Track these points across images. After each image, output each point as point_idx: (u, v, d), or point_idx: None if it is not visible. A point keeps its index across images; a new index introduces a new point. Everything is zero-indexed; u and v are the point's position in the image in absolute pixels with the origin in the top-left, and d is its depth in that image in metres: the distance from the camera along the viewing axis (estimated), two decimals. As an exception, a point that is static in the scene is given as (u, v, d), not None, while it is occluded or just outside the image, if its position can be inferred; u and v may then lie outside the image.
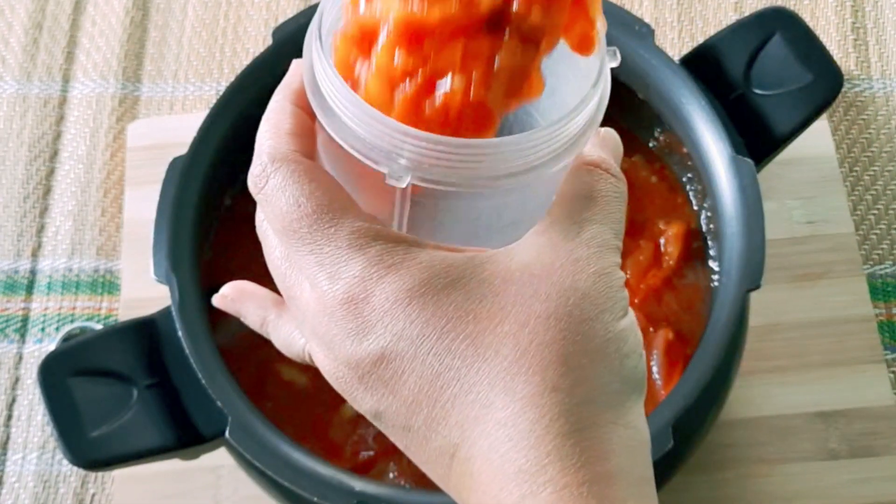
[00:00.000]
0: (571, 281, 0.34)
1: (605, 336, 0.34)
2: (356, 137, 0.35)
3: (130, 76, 0.81)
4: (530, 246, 0.35)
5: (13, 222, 0.76)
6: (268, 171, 0.36)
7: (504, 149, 0.34)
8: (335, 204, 0.35)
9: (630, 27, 0.61)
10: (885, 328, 0.71)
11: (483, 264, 0.35)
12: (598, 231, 0.36)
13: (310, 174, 0.36)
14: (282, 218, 0.35)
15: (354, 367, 0.34)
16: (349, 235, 0.34)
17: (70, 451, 0.54)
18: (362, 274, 0.34)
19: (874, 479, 0.66)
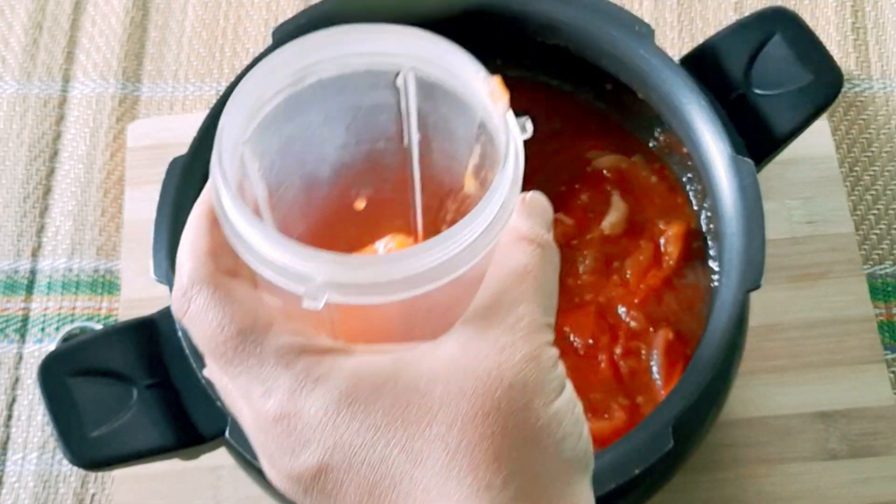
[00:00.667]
0: (497, 372, 0.34)
1: (536, 424, 0.34)
2: (267, 261, 0.34)
3: (130, 76, 0.81)
4: (457, 338, 0.35)
5: (13, 222, 0.76)
6: (188, 295, 0.36)
7: (417, 259, 0.34)
8: (258, 323, 0.35)
9: (630, 27, 0.61)
10: (885, 328, 0.71)
11: (409, 366, 0.34)
12: (526, 311, 0.35)
13: (230, 295, 0.35)
14: (209, 342, 0.35)
15: (296, 480, 0.35)
16: (275, 353, 0.34)
17: (70, 451, 0.54)
18: (291, 389, 0.34)
19: (874, 479, 0.66)
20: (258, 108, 0.37)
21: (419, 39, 0.38)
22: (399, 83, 0.38)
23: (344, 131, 0.40)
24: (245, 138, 0.37)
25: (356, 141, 0.40)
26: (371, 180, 0.42)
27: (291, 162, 0.40)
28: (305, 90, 0.37)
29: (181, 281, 0.36)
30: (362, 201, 0.43)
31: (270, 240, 0.34)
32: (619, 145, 0.67)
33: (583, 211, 0.65)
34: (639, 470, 0.52)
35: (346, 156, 0.41)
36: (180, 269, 0.37)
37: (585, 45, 0.63)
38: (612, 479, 0.52)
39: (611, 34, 0.62)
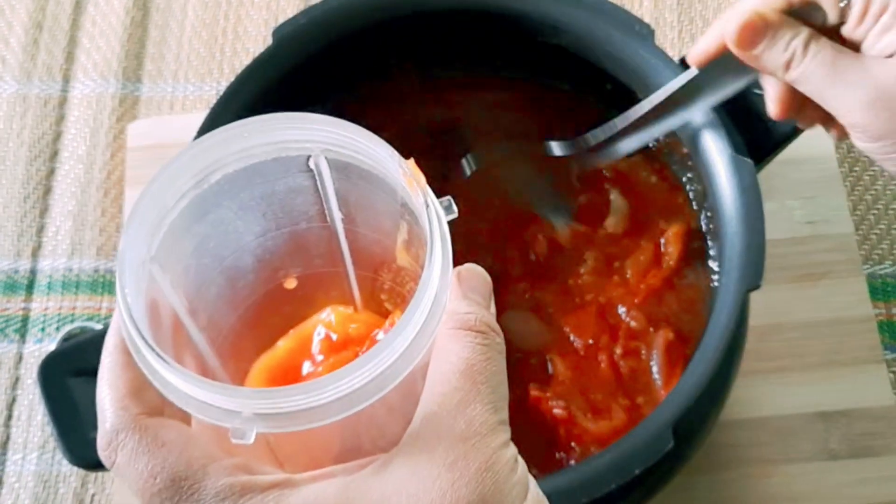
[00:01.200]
0: (452, 493, 0.32)
1: None
2: (189, 398, 0.33)
3: (130, 76, 0.81)
4: (405, 457, 0.33)
5: (13, 222, 0.76)
6: (114, 445, 0.34)
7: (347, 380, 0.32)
8: (193, 465, 0.33)
9: (630, 27, 0.61)
10: (885, 328, 0.71)
11: (358, 498, 0.32)
12: (474, 415, 0.33)
13: (158, 440, 0.33)
14: (141, 493, 0.33)
15: None
16: (214, 498, 0.32)
17: (70, 451, 0.54)
18: None
19: (874, 479, 0.66)
20: (161, 220, 0.35)
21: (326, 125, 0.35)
22: (312, 165, 0.37)
23: (261, 219, 0.38)
24: (151, 255, 0.35)
25: (276, 226, 0.39)
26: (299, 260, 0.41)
27: (209, 261, 0.38)
28: (212, 188, 0.36)
29: (104, 429, 0.34)
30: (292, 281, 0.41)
31: (190, 381, 0.32)
32: (619, 145, 0.67)
33: (583, 211, 0.65)
34: (639, 470, 0.52)
35: (267, 241, 0.39)
36: (102, 414, 0.34)
37: (585, 46, 0.63)
38: (612, 479, 0.52)
39: (611, 34, 0.62)
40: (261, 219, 0.38)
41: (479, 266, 0.36)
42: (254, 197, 0.37)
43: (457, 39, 0.65)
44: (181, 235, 0.36)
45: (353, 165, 0.36)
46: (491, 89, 0.69)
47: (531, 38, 0.64)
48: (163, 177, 0.35)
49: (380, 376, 0.32)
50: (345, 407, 0.32)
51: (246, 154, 0.36)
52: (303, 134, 0.35)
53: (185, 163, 0.35)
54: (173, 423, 0.34)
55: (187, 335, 0.37)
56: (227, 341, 0.39)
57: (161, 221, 0.35)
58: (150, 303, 0.35)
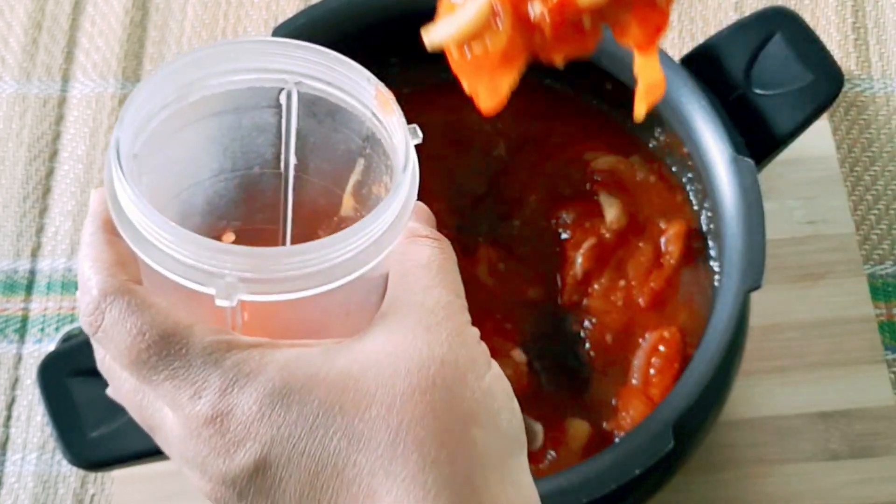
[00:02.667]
0: (428, 351, 0.34)
1: (472, 398, 0.34)
2: (174, 262, 0.34)
3: (130, 76, 0.81)
4: (381, 327, 0.35)
5: (12, 222, 0.76)
6: (101, 308, 0.35)
7: (328, 250, 0.34)
8: (180, 324, 0.34)
9: (630, 27, 0.61)
10: (886, 328, 0.71)
11: (339, 354, 0.34)
12: (441, 295, 0.36)
13: (146, 301, 0.35)
14: (128, 352, 0.34)
15: (231, 484, 0.34)
16: (202, 352, 0.34)
17: (69, 451, 0.54)
18: (222, 387, 0.33)
19: (875, 479, 0.66)
20: (147, 121, 0.36)
21: (306, 52, 0.37)
22: (282, 99, 0.38)
23: (221, 154, 0.39)
24: (135, 150, 0.36)
25: (232, 166, 0.40)
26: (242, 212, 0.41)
27: (170, 185, 0.39)
28: (190, 106, 0.37)
29: (91, 294, 0.35)
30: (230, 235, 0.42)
31: (177, 235, 0.33)
32: (618, 145, 0.67)
33: (582, 212, 0.65)
34: (639, 470, 0.52)
35: (219, 183, 0.40)
36: (87, 284, 0.35)
37: (585, 45, 0.63)
38: (612, 479, 0.52)
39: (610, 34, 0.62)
40: (220, 155, 0.39)
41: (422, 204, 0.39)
42: (221, 128, 0.38)
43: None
44: (156, 146, 0.37)
45: (322, 100, 0.38)
46: (491, 89, 0.68)
47: (531, 37, 0.64)
48: (156, 78, 0.36)
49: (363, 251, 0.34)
50: (329, 278, 0.34)
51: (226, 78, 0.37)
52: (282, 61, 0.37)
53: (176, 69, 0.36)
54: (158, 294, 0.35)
55: None
56: None
57: (146, 125, 0.36)
58: None
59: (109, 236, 0.36)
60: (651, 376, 0.60)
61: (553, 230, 0.65)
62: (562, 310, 0.63)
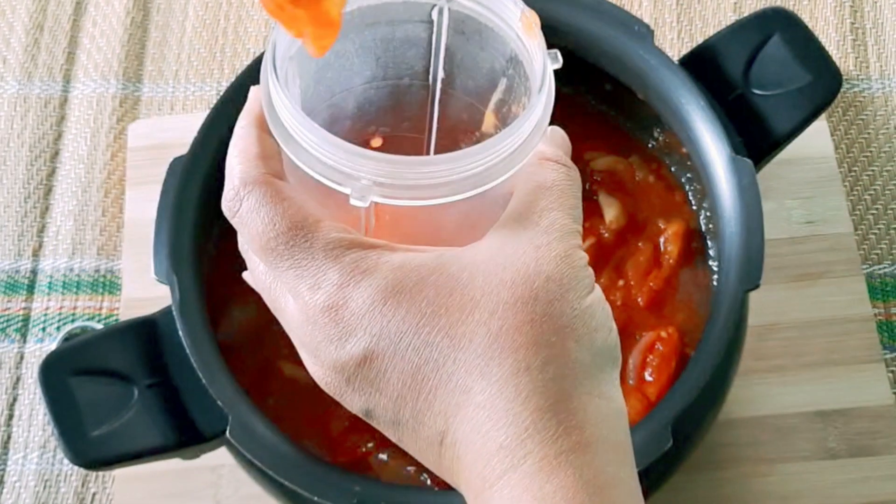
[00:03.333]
0: (535, 266, 0.36)
1: (571, 314, 0.36)
2: (317, 161, 0.36)
3: (131, 76, 0.81)
4: (493, 239, 0.37)
5: (14, 222, 0.76)
6: (241, 195, 0.37)
7: (459, 162, 0.35)
8: (308, 219, 0.37)
9: (629, 27, 0.61)
10: (884, 327, 0.71)
11: (451, 260, 0.36)
12: (557, 217, 0.38)
13: (281, 194, 0.37)
14: (259, 238, 0.37)
15: (340, 370, 0.36)
16: (324, 247, 0.36)
17: (71, 450, 0.54)
18: (339, 281, 0.36)
19: (873, 478, 0.66)
20: None
21: None
22: (434, 15, 0.40)
23: (374, 63, 0.41)
24: (291, 53, 0.38)
25: (383, 76, 0.42)
26: (390, 119, 0.43)
27: (323, 90, 0.41)
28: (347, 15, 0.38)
29: (233, 182, 0.38)
30: (378, 139, 0.44)
31: (321, 137, 0.35)
32: (618, 146, 0.67)
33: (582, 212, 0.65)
34: (638, 469, 0.52)
35: (370, 91, 0.42)
36: (231, 172, 0.38)
37: (585, 46, 0.63)
38: (611, 478, 0.52)
39: (610, 34, 0.62)
40: (373, 63, 0.41)
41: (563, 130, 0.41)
42: (375, 38, 0.40)
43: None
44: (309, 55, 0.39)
45: (471, 19, 0.40)
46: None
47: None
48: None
49: (493, 167, 0.36)
50: (457, 189, 0.36)
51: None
52: None
53: None
54: (293, 187, 0.38)
55: None
56: None
57: None
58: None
59: (259, 132, 0.39)
60: (647, 375, 0.60)
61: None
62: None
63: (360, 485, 0.53)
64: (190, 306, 0.56)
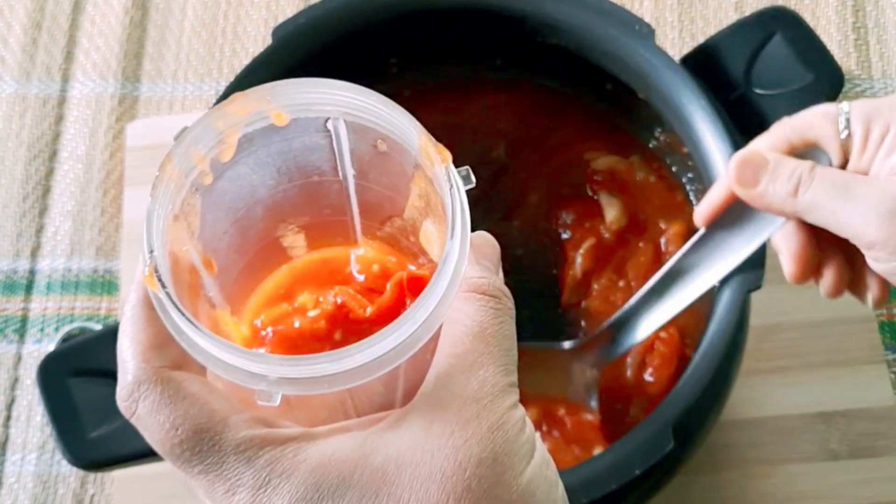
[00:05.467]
0: (465, 450, 0.33)
1: (510, 499, 0.33)
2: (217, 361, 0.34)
3: (130, 76, 0.80)
4: (420, 414, 0.34)
5: (12, 222, 0.76)
6: (135, 397, 0.35)
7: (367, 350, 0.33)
8: (214, 418, 0.34)
9: (630, 27, 0.61)
10: (886, 328, 0.71)
11: (375, 451, 0.34)
12: (486, 376, 0.34)
13: (180, 392, 0.34)
14: (161, 444, 0.34)
15: None
16: (235, 450, 0.33)
17: (69, 451, 0.54)
18: (255, 485, 0.33)
19: (875, 479, 0.66)
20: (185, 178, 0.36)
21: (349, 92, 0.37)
22: (329, 127, 0.38)
23: (275, 173, 0.39)
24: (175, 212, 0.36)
25: (288, 180, 0.40)
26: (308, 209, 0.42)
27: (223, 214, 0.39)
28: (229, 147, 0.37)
29: (126, 380, 0.35)
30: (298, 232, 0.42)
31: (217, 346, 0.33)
32: (619, 145, 0.67)
33: (582, 212, 0.65)
34: (639, 470, 0.52)
35: (278, 193, 0.40)
36: (123, 367, 0.35)
37: (586, 45, 0.63)
38: (612, 479, 0.52)
39: (611, 34, 0.62)
40: (275, 173, 0.40)
41: (488, 233, 0.38)
42: (270, 153, 0.38)
43: (457, 40, 0.65)
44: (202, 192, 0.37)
45: (371, 129, 0.37)
46: (491, 90, 0.68)
47: (531, 38, 0.64)
48: (188, 139, 0.36)
49: (402, 345, 0.34)
50: (367, 373, 0.34)
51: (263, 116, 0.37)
52: (324, 98, 0.37)
53: (209, 124, 0.36)
54: (195, 377, 0.35)
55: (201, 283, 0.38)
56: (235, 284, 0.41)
57: (185, 180, 0.36)
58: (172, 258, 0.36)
59: (150, 312, 0.36)
60: (647, 375, 0.60)
61: (553, 230, 0.65)
62: (562, 309, 0.63)
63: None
64: (189, 307, 0.55)
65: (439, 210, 0.37)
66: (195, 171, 0.36)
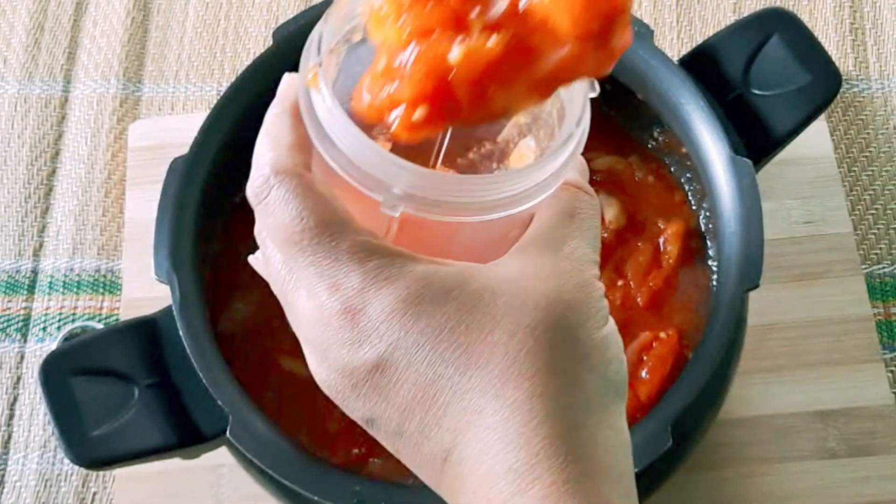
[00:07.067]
0: (556, 293, 0.36)
1: (588, 343, 0.36)
2: (351, 164, 0.35)
3: (132, 76, 0.81)
4: (516, 260, 0.37)
5: (15, 222, 0.76)
6: (270, 183, 0.36)
7: (494, 185, 0.35)
8: (336, 218, 0.36)
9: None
10: (884, 327, 0.71)
11: (474, 277, 0.36)
12: (578, 246, 0.38)
13: (312, 188, 0.36)
14: (283, 230, 0.36)
15: (349, 375, 0.36)
16: (349, 249, 0.35)
17: (71, 450, 0.54)
18: (360, 286, 0.35)
19: (873, 478, 0.66)
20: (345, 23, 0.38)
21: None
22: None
23: None
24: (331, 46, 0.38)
25: None
26: None
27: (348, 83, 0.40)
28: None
29: (262, 170, 0.37)
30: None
31: (359, 142, 0.35)
32: (617, 146, 0.67)
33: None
34: (637, 469, 0.52)
35: None
36: (261, 159, 0.37)
37: (585, 46, 0.63)
38: (610, 477, 0.52)
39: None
40: None
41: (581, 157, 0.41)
42: None
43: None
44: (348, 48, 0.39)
45: None
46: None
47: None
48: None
49: (525, 192, 0.36)
50: (486, 210, 0.36)
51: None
52: None
53: None
54: (324, 183, 0.37)
55: None
56: None
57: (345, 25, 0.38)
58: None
59: (293, 120, 0.38)
60: (643, 373, 0.60)
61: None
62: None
63: (361, 484, 0.53)
64: (190, 306, 0.56)
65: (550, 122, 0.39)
66: (354, 22, 0.38)
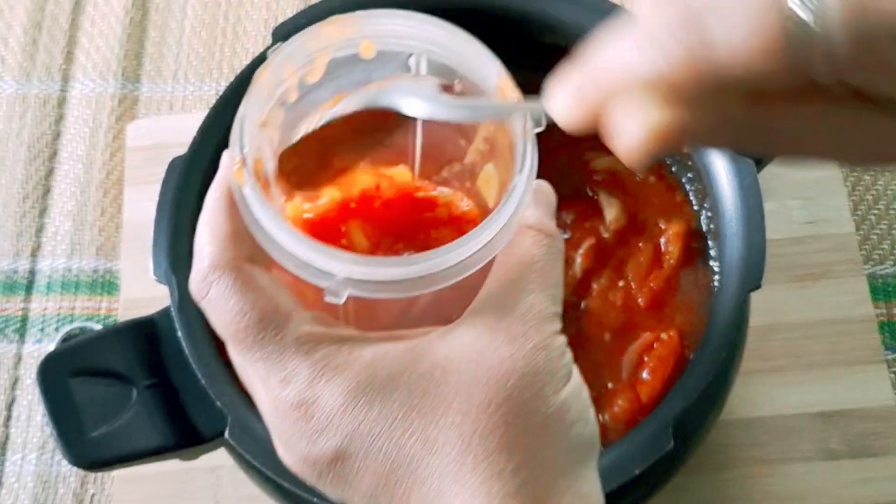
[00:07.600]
0: (509, 363, 0.35)
1: (546, 412, 0.35)
2: (289, 256, 0.36)
3: (130, 76, 0.81)
4: (469, 326, 0.36)
5: (12, 222, 0.76)
6: (209, 280, 0.36)
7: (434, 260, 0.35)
8: (279, 310, 0.36)
9: (630, 27, 0.61)
10: (886, 328, 0.71)
11: (424, 354, 0.36)
12: (535, 301, 0.37)
13: (252, 282, 0.36)
14: (227, 327, 0.36)
15: (311, 465, 0.36)
16: (295, 341, 0.35)
17: (69, 451, 0.54)
18: (310, 377, 0.35)
19: (875, 479, 0.66)
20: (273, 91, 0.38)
21: (435, 27, 0.39)
22: (411, 63, 0.40)
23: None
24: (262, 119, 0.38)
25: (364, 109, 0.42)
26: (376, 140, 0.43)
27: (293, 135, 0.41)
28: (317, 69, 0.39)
29: (202, 265, 0.37)
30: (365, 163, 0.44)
31: (294, 238, 0.35)
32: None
33: (582, 212, 0.65)
34: (639, 470, 0.52)
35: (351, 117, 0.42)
36: (200, 253, 0.37)
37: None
38: (612, 479, 0.52)
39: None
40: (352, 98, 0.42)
41: (548, 183, 0.40)
42: (351, 83, 0.40)
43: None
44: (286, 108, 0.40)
45: (451, 69, 0.39)
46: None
47: (530, 37, 0.64)
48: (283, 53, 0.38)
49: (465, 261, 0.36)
50: (435, 282, 0.36)
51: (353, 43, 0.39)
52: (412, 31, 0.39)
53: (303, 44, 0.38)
54: (265, 273, 0.37)
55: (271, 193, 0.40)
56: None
57: (274, 91, 0.38)
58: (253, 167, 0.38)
59: (230, 208, 0.38)
60: (643, 374, 0.60)
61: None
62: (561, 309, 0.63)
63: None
64: (189, 307, 0.55)
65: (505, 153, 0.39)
66: (284, 85, 0.39)
